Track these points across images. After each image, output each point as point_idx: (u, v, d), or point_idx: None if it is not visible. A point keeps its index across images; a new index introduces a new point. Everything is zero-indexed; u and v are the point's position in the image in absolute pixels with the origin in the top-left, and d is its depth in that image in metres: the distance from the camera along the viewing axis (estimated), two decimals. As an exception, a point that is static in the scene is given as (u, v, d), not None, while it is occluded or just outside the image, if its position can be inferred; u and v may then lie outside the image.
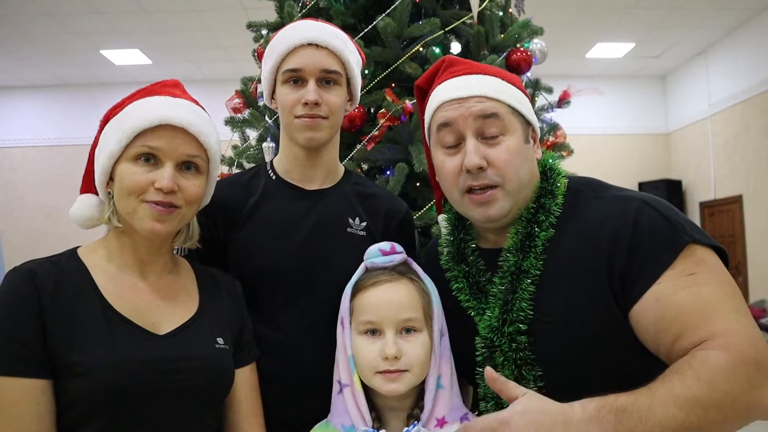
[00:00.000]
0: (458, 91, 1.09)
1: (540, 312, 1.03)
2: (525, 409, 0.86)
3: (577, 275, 1.01)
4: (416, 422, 1.04)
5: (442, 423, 1.06)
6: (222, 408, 1.14)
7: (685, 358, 0.88)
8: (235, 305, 1.21)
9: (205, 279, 1.19)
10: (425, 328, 1.08)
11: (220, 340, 1.11)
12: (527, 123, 1.13)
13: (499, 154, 1.06)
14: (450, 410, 1.08)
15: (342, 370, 1.11)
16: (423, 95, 1.23)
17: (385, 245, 1.13)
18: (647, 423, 0.82)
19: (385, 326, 1.05)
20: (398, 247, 1.13)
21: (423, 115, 1.22)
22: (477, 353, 1.08)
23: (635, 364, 0.96)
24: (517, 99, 1.11)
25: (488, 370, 0.93)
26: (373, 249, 1.13)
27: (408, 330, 1.06)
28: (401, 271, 1.11)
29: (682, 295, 0.92)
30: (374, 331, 1.06)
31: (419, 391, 1.09)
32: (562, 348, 1.00)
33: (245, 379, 1.17)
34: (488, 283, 1.11)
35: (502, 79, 1.13)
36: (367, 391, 1.08)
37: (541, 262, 1.05)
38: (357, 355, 1.07)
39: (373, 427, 1.05)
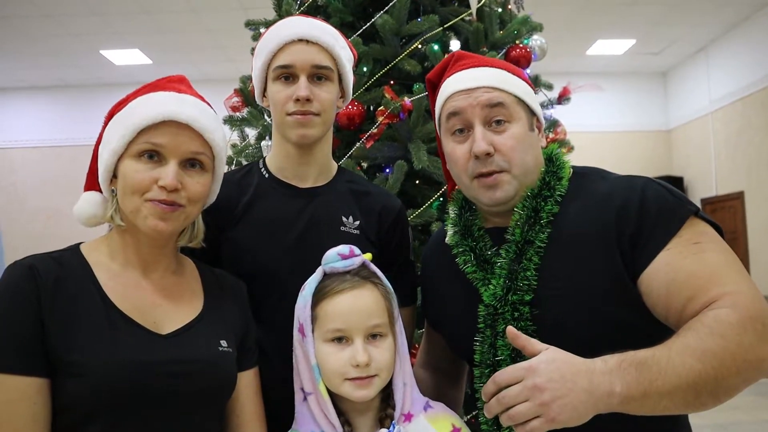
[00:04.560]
0: (467, 82, 1.15)
1: (546, 279, 1.07)
2: (550, 359, 0.90)
3: (585, 242, 1.06)
4: (393, 423, 1.06)
5: (409, 417, 1.09)
6: (224, 411, 1.12)
7: (696, 317, 0.93)
8: (240, 307, 1.19)
9: (210, 280, 1.17)
10: (389, 331, 1.09)
11: (223, 343, 1.09)
12: (532, 113, 1.18)
13: (505, 141, 1.11)
14: (413, 404, 1.11)
15: (304, 379, 1.09)
16: (434, 88, 1.27)
17: (344, 248, 1.10)
18: (666, 374, 0.86)
19: (354, 333, 1.04)
20: (356, 250, 1.11)
21: (434, 107, 1.26)
22: (479, 321, 1.10)
23: (641, 331, 1.00)
24: (522, 89, 1.17)
25: (510, 328, 0.97)
26: (332, 254, 1.10)
27: (374, 335, 1.06)
28: (364, 275, 1.10)
29: (690, 261, 0.98)
30: (340, 338, 1.05)
31: (382, 389, 1.09)
32: (569, 312, 1.04)
33: (248, 383, 1.15)
34: (494, 256, 1.15)
35: (508, 71, 1.18)
36: (332, 396, 1.07)
37: (546, 235, 1.09)
38: (323, 362, 1.05)
39: None
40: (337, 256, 1.10)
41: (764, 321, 0.90)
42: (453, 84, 1.17)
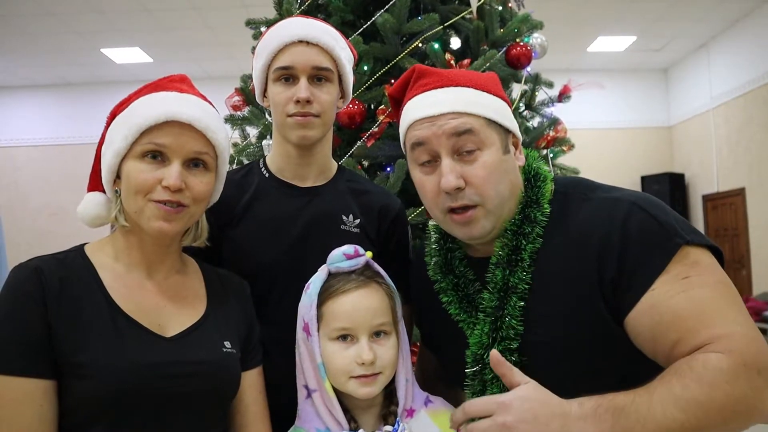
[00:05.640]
0: (429, 108, 1.05)
1: (531, 324, 1.02)
2: (526, 397, 0.85)
3: (567, 284, 0.99)
4: (398, 420, 1.07)
5: (411, 413, 1.10)
6: (228, 411, 1.12)
7: (684, 359, 0.86)
8: (244, 307, 1.19)
9: (213, 280, 1.17)
10: (393, 329, 1.10)
11: (227, 344, 1.09)
12: (506, 130, 1.09)
13: (477, 172, 1.03)
14: (414, 399, 1.12)
15: (308, 377, 1.10)
16: (398, 104, 1.19)
17: (349, 249, 1.11)
18: (645, 423, 0.81)
19: (359, 332, 1.06)
20: (361, 250, 1.12)
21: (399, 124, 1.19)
22: (467, 366, 1.08)
23: (629, 372, 0.94)
24: (493, 108, 1.07)
25: (494, 353, 0.91)
26: (337, 253, 1.11)
27: (378, 334, 1.07)
28: (369, 275, 1.11)
29: (677, 300, 0.90)
30: (345, 337, 1.06)
31: (385, 386, 1.11)
32: (555, 359, 0.99)
33: (252, 383, 1.15)
34: (477, 294, 1.10)
35: (476, 89, 1.07)
36: (336, 393, 1.08)
37: (529, 275, 1.03)
38: (329, 360, 1.06)
39: (350, 428, 1.06)
40: (343, 256, 1.11)
41: (760, 367, 0.83)
42: (415, 110, 1.07)
